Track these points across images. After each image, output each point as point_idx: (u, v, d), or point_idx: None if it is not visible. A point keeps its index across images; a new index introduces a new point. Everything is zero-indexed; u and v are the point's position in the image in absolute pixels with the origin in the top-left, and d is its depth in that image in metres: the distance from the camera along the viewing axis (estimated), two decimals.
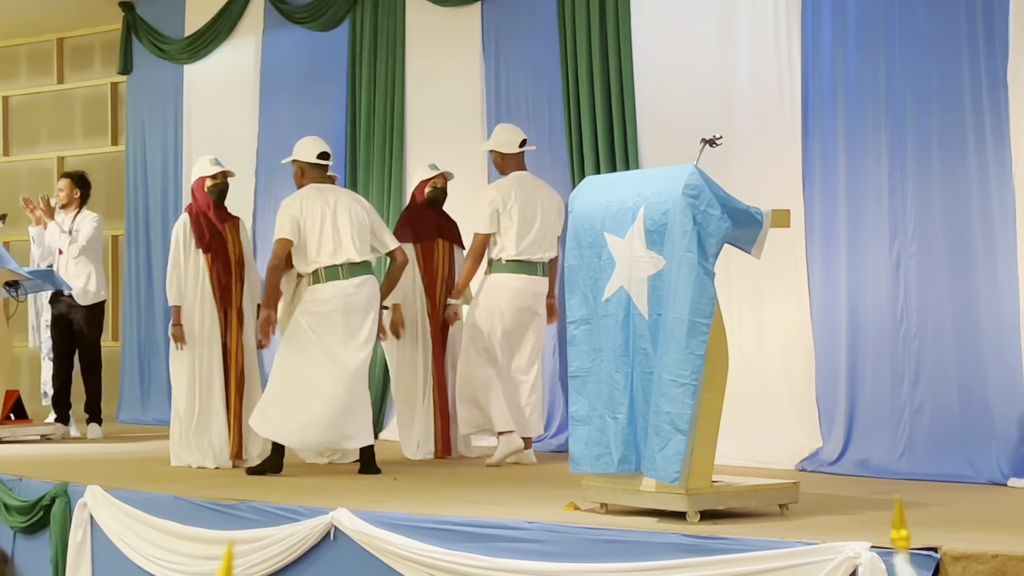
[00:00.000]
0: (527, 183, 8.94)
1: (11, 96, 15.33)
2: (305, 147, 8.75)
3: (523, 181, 8.93)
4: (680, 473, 5.78)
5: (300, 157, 8.74)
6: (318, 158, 8.68)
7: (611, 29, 9.59)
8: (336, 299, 8.34)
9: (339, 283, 8.35)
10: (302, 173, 8.74)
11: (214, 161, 9.27)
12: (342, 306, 8.34)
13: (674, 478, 5.80)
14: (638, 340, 6.08)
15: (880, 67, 8.07)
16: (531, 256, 8.81)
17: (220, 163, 9.28)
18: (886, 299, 8.01)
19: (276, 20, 12.43)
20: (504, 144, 8.99)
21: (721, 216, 5.90)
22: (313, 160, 8.67)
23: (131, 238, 13.87)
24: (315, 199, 8.49)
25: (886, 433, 7.93)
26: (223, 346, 9.00)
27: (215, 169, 9.21)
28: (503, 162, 8.99)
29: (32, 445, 10.95)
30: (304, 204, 8.47)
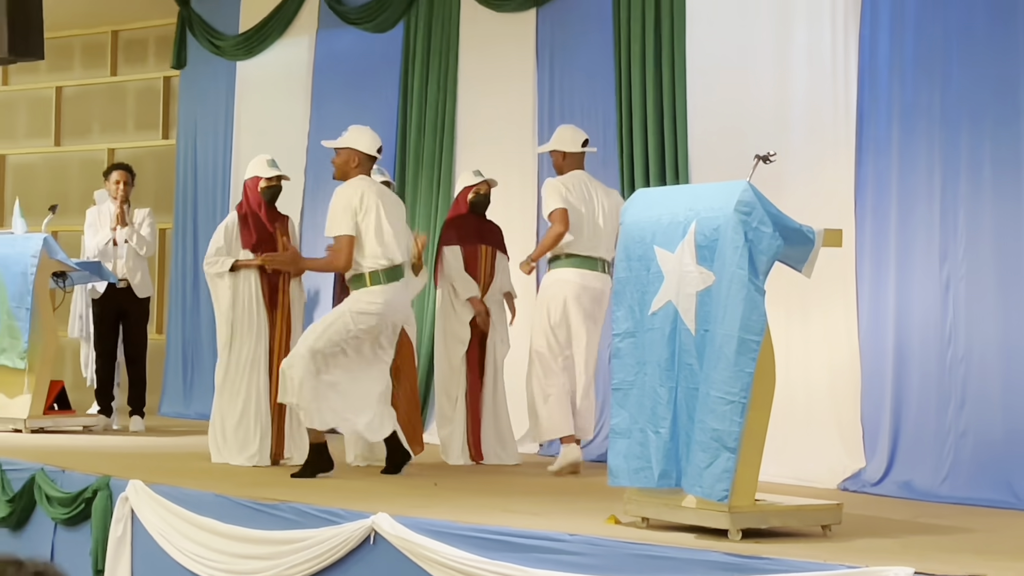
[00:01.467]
0: (587, 181, 8.92)
1: (65, 87, 15.41)
2: (364, 137, 8.52)
3: (582, 179, 8.91)
4: (728, 491, 5.76)
5: (359, 147, 8.49)
6: (377, 152, 8.57)
7: (666, 40, 9.57)
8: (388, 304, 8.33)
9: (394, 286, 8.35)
10: (356, 163, 8.51)
11: (271, 163, 9.26)
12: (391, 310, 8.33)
13: (722, 496, 5.77)
14: (684, 355, 6.06)
15: (936, 87, 8.02)
16: (592, 252, 8.79)
17: (277, 165, 9.28)
18: (934, 321, 7.96)
19: (330, 20, 12.46)
20: (567, 142, 8.95)
21: (773, 234, 5.88)
22: (372, 153, 8.50)
23: (179, 232, 13.92)
24: (372, 193, 8.40)
25: (930, 456, 7.88)
26: (269, 347, 9.01)
27: (272, 172, 9.21)
28: (564, 162, 8.94)
29: (75, 436, 11.00)
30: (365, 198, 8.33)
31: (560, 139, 9.00)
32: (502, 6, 10.85)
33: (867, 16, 8.40)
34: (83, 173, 14.83)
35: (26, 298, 11.06)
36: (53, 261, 11.16)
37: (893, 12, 8.27)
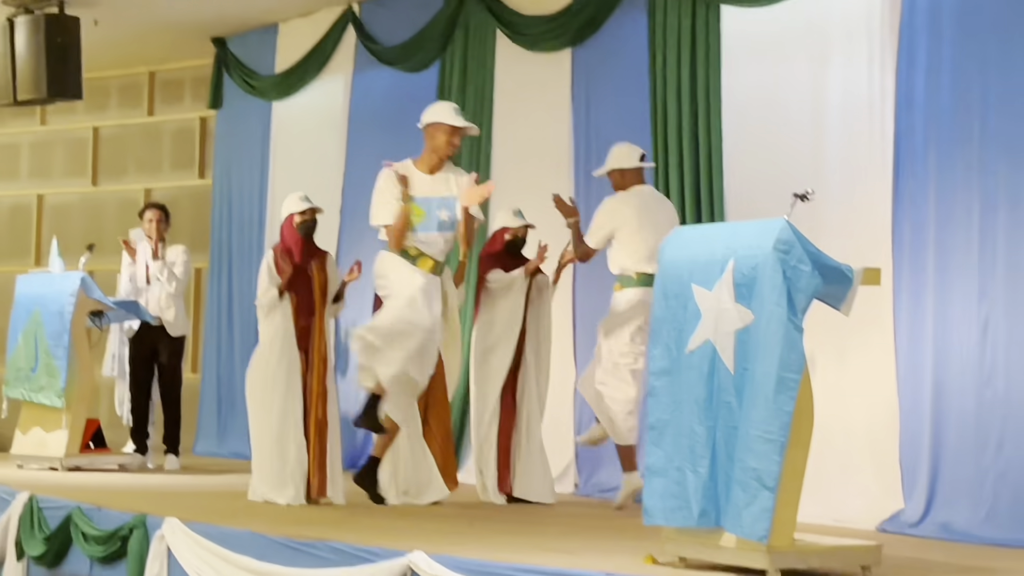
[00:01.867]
0: (650, 196, 8.93)
1: (101, 127, 15.51)
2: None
3: (645, 194, 8.91)
4: (768, 530, 5.72)
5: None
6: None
7: (701, 79, 9.57)
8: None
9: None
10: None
11: (303, 197, 9.31)
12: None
13: (762, 535, 5.74)
14: (722, 394, 6.04)
15: (973, 125, 8.00)
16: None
17: (309, 199, 9.32)
18: (973, 361, 7.91)
19: (366, 60, 12.51)
20: (624, 159, 8.91)
21: (812, 272, 5.87)
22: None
23: (214, 272, 13.98)
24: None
25: (969, 497, 7.82)
26: (303, 386, 9.00)
27: (304, 205, 9.26)
28: (623, 179, 8.91)
29: (110, 474, 11.02)
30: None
31: (616, 157, 8.96)
32: (537, 46, 10.88)
33: (904, 54, 8.39)
34: (119, 213, 14.91)
35: (63, 337, 11.14)
36: (90, 300, 11.24)
37: (930, 50, 8.25)
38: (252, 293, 12.83)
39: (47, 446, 11.21)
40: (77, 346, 11.21)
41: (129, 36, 13.84)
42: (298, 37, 13.20)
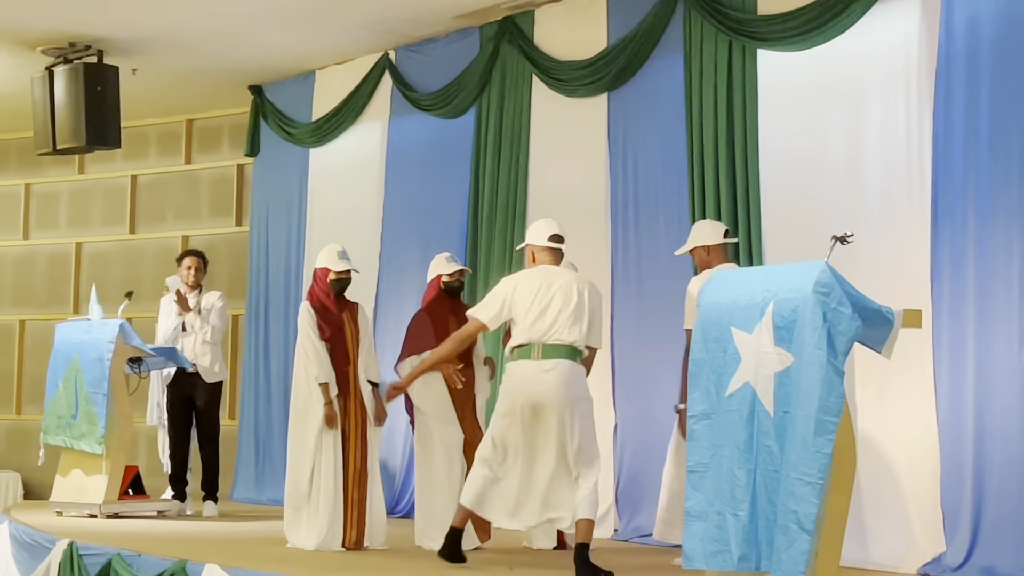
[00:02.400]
0: None
1: (140, 175, 15.60)
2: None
3: None
4: (805, 573, 5.69)
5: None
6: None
7: (738, 122, 9.57)
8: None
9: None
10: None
11: (342, 255, 9.26)
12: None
13: None
14: (762, 437, 6.02)
15: (1014, 165, 7.96)
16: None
17: (347, 257, 9.28)
18: (1015, 402, 7.86)
19: (403, 106, 12.57)
20: (708, 236, 8.61)
21: (852, 315, 5.85)
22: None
23: (251, 318, 14.02)
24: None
25: (1013, 540, 7.75)
26: (342, 432, 9.01)
27: (342, 265, 9.22)
28: (708, 256, 8.59)
29: (149, 521, 11.04)
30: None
31: (699, 234, 8.68)
32: (574, 91, 10.90)
33: (941, 97, 8.37)
34: (158, 260, 14.98)
35: (103, 383, 11.18)
36: (129, 347, 11.28)
37: (968, 92, 8.23)
38: (289, 340, 12.95)
39: (87, 493, 11.24)
40: (116, 393, 11.25)
41: (167, 85, 13.95)
42: (335, 84, 13.27)
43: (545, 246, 8.24)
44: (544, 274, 8.12)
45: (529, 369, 7.90)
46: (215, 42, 12.63)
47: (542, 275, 8.11)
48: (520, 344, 7.96)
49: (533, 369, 7.90)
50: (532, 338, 7.91)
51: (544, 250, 8.25)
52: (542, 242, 8.25)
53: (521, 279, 8.14)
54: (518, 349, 7.97)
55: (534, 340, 7.91)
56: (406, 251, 12.21)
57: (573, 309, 7.96)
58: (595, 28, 10.83)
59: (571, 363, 7.94)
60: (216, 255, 14.44)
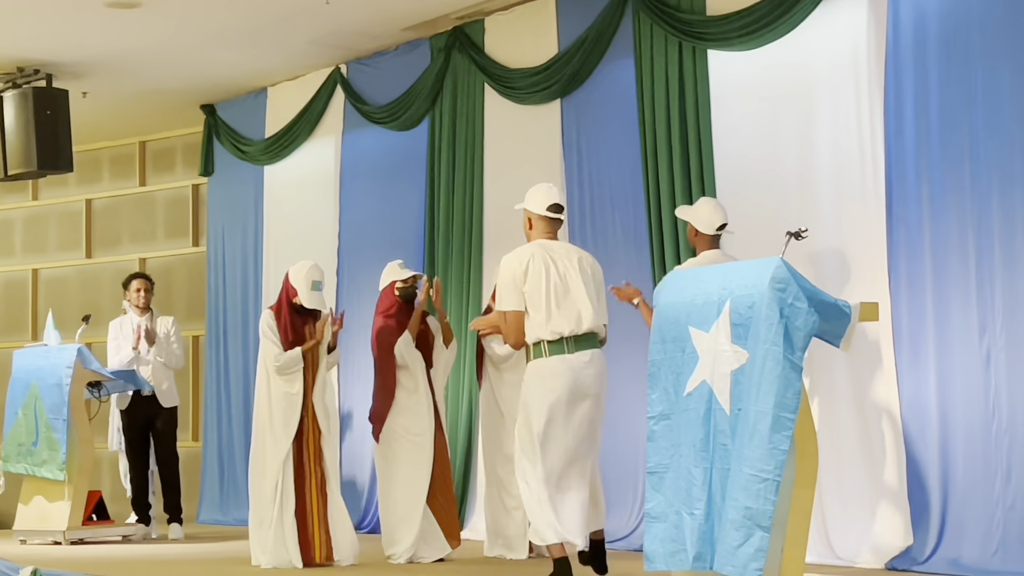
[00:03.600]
0: None
1: (94, 199, 15.51)
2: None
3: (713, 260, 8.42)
4: (761, 570, 5.66)
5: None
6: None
7: (691, 123, 9.57)
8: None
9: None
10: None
11: (316, 285, 9.14)
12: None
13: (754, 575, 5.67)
14: (719, 436, 6.00)
15: (965, 159, 7.98)
16: None
17: (320, 290, 9.18)
18: (976, 394, 7.87)
19: (356, 120, 12.53)
20: (702, 222, 8.38)
21: (809, 310, 5.83)
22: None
23: (211, 339, 13.96)
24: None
25: (979, 531, 7.76)
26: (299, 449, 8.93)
27: (311, 301, 9.11)
28: (696, 237, 8.43)
29: (114, 546, 10.96)
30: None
31: (696, 213, 8.44)
32: (526, 99, 10.89)
33: (891, 89, 8.39)
34: (115, 284, 14.82)
35: (63, 409, 11.11)
36: (88, 371, 11.22)
37: (917, 84, 8.25)
38: (249, 359, 12.90)
39: (50, 520, 11.16)
40: (76, 418, 11.18)
41: (118, 107, 13.88)
42: (287, 100, 13.23)
43: (543, 215, 7.85)
44: (547, 254, 7.71)
45: (568, 364, 7.57)
46: (165, 62, 12.57)
47: (545, 256, 7.70)
48: (548, 340, 7.59)
49: (572, 363, 7.58)
50: (559, 331, 7.57)
51: (542, 219, 7.86)
52: (540, 211, 7.85)
53: (526, 262, 7.68)
54: (549, 344, 7.59)
55: (564, 333, 7.58)
56: (364, 265, 12.16)
57: (591, 293, 7.68)
58: (545, 34, 10.81)
59: (601, 352, 7.75)
60: (173, 276, 14.38)
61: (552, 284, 7.62)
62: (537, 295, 7.61)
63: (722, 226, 8.39)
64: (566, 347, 7.59)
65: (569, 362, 7.57)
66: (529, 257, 7.70)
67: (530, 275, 7.65)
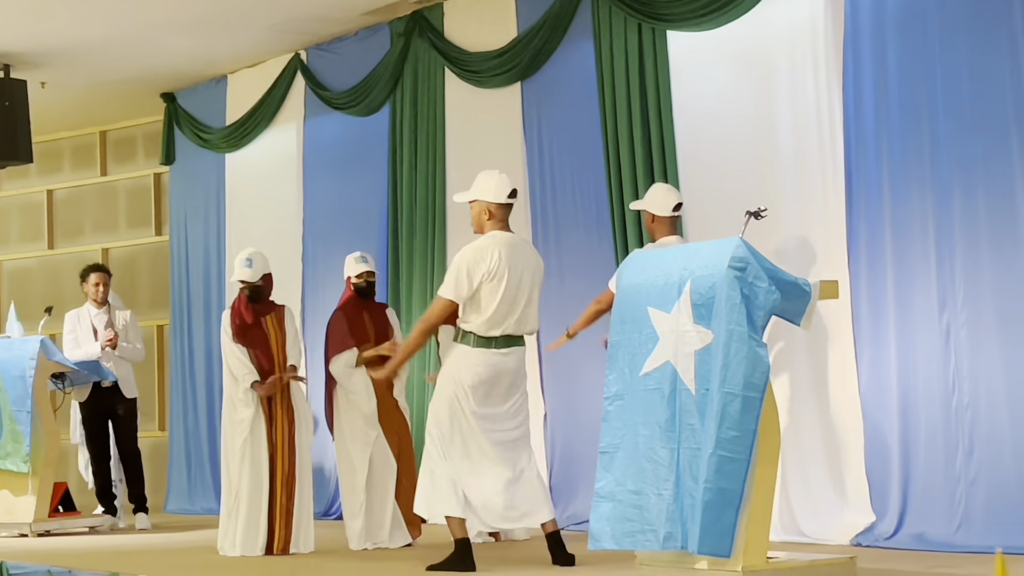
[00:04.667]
0: None
1: (55, 189, 15.44)
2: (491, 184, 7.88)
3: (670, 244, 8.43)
4: (731, 547, 5.69)
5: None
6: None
7: (651, 101, 9.57)
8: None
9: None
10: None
11: (244, 262, 9.10)
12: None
13: (726, 552, 5.71)
14: (685, 416, 6.02)
15: (924, 135, 8.00)
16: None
17: (251, 264, 9.09)
18: (937, 369, 7.90)
19: (317, 107, 12.49)
20: (657, 205, 8.42)
21: (769, 288, 5.86)
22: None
23: (176, 328, 13.90)
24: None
25: (942, 506, 7.80)
26: (270, 438, 8.92)
27: (242, 274, 9.08)
28: (653, 224, 8.45)
29: (81, 537, 10.92)
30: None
31: (651, 199, 8.50)
32: (486, 82, 10.87)
33: (849, 65, 8.40)
34: (78, 274, 14.80)
35: (26, 401, 11.05)
36: (51, 363, 11.16)
37: (875, 59, 8.26)
38: (212, 348, 12.86)
39: (15, 512, 11.09)
40: (40, 410, 11.11)
41: (77, 97, 13.81)
42: (247, 88, 13.17)
43: (503, 203, 7.72)
44: (507, 250, 7.63)
45: (486, 357, 7.58)
46: (124, 51, 12.50)
47: (506, 252, 7.61)
48: (479, 334, 7.58)
49: (491, 356, 7.59)
50: (494, 330, 7.58)
51: (501, 208, 7.71)
52: (501, 199, 7.71)
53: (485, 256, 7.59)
54: (476, 337, 7.59)
55: (496, 333, 7.58)
56: (328, 251, 12.13)
57: (533, 299, 7.69)
58: (504, 18, 10.80)
59: (524, 349, 7.76)
60: (136, 266, 14.33)
61: (507, 287, 7.57)
62: (492, 297, 7.57)
63: (678, 206, 8.39)
64: (493, 344, 7.60)
65: (489, 355, 7.58)
66: (496, 259, 7.59)
67: (493, 278, 7.57)
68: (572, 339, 8.77)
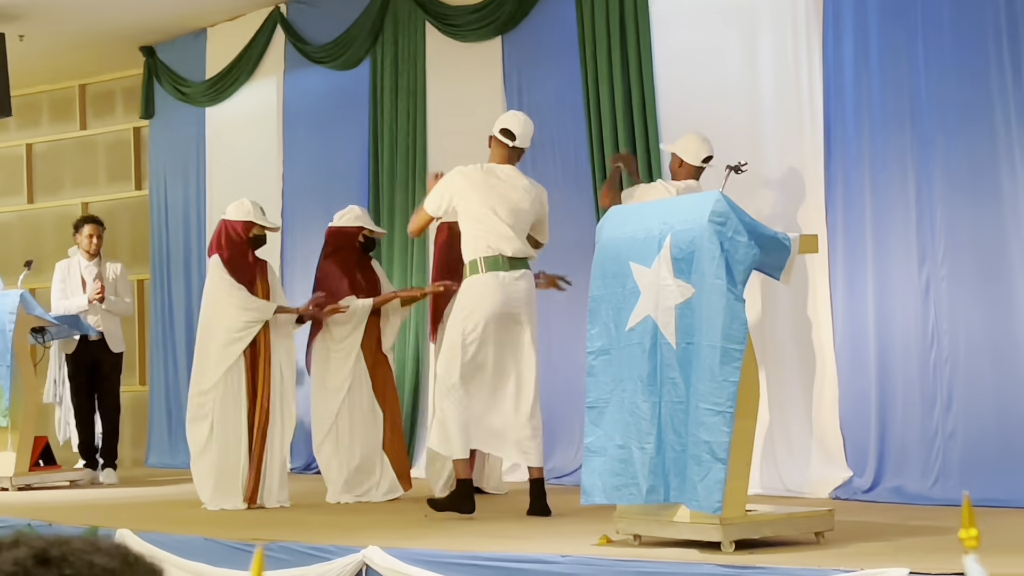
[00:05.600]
0: None
1: (35, 143, 15.38)
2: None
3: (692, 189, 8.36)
4: (721, 502, 5.72)
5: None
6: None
7: (632, 58, 9.57)
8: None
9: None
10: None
11: (262, 209, 9.15)
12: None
13: (716, 507, 5.73)
14: (666, 369, 6.03)
15: (904, 91, 8.01)
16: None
17: (264, 213, 9.16)
18: (915, 324, 7.94)
19: (297, 60, 12.45)
20: (689, 153, 8.45)
21: (748, 243, 5.86)
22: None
23: (156, 283, 13.87)
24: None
25: (919, 459, 7.85)
26: (251, 388, 8.92)
27: (267, 221, 9.11)
28: (680, 168, 8.47)
29: (62, 491, 10.92)
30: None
31: (683, 145, 8.50)
32: (466, 36, 10.85)
33: (830, 21, 8.41)
34: (57, 229, 14.77)
35: (5, 356, 11.01)
36: (31, 317, 11.12)
37: (856, 15, 8.28)
38: (192, 302, 12.83)
39: None
40: (20, 364, 11.09)
41: (56, 50, 13.72)
42: (227, 41, 13.11)
43: (502, 141, 8.14)
44: (497, 179, 7.95)
45: (497, 280, 7.77)
46: (103, 4, 12.42)
47: (494, 180, 7.93)
48: (485, 256, 7.79)
49: (501, 279, 7.78)
50: (496, 251, 7.77)
51: (502, 145, 8.14)
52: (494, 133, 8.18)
53: (473, 181, 7.94)
54: (485, 260, 7.79)
55: (500, 253, 7.78)
56: (308, 206, 12.12)
57: (527, 226, 7.94)
58: None
59: (531, 274, 7.96)
60: (116, 221, 14.26)
61: (490, 206, 7.81)
62: (470, 210, 7.86)
63: (707, 158, 8.40)
64: (501, 265, 7.77)
65: (500, 277, 7.77)
66: (479, 178, 7.95)
67: (472, 195, 7.87)
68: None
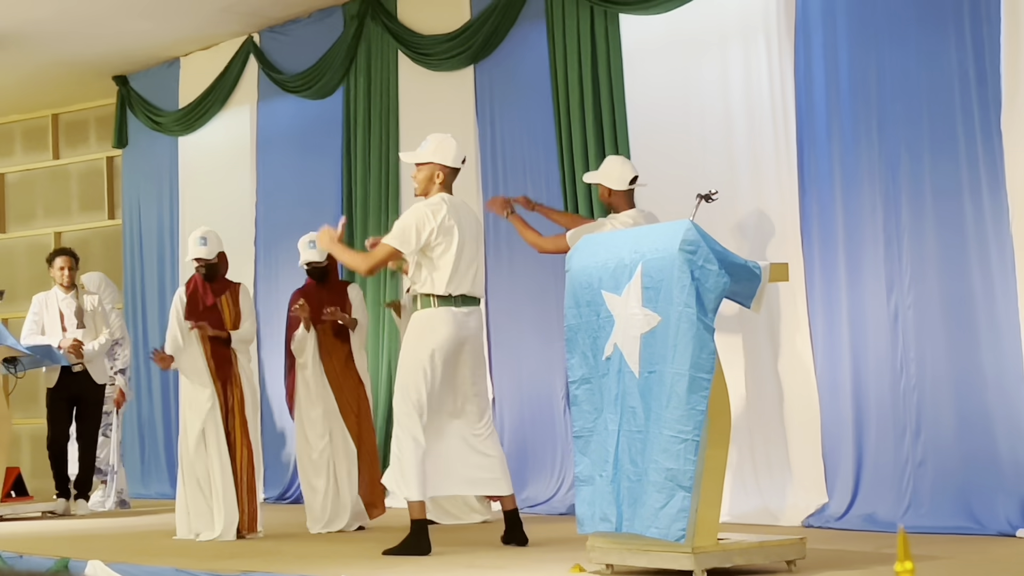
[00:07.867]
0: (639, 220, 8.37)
1: (7, 173, 15.36)
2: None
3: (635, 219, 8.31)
4: (685, 531, 5.72)
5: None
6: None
7: (604, 85, 9.60)
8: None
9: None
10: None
11: (198, 241, 9.06)
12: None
13: (679, 536, 5.74)
14: (627, 398, 6.05)
15: (873, 118, 8.05)
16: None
17: (205, 243, 9.04)
18: (886, 352, 7.96)
19: (270, 90, 12.46)
20: (614, 179, 8.31)
21: (719, 271, 5.88)
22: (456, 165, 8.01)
23: (129, 312, 13.85)
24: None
25: (891, 487, 7.86)
26: (224, 419, 8.90)
27: (196, 252, 9.04)
28: (611, 197, 8.34)
29: (33, 522, 10.88)
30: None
31: (606, 172, 8.37)
32: (439, 65, 10.88)
33: (800, 51, 8.45)
34: (30, 258, 14.76)
35: None
36: (3, 347, 11.07)
37: (826, 44, 8.31)
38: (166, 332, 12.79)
39: None
40: None
41: (29, 79, 13.72)
42: (200, 70, 13.13)
43: (456, 168, 7.90)
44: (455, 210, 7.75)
45: (451, 316, 7.67)
46: (76, 33, 12.43)
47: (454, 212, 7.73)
48: (440, 293, 7.66)
49: (455, 315, 7.68)
50: (453, 287, 7.66)
51: (453, 172, 7.89)
52: (457, 164, 7.89)
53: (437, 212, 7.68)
54: (437, 298, 7.67)
55: (455, 290, 7.67)
56: (281, 234, 12.12)
57: (480, 261, 7.84)
58: (457, 1, 10.80)
59: (480, 312, 7.92)
60: (90, 250, 14.25)
61: (458, 247, 7.67)
62: (447, 254, 7.67)
63: (634, 179, 8.32)
64: (454, 303, 7.70)
65: (453, 313, 7.68)
66: (445, 216, 7.69)
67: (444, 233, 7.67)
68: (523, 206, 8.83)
